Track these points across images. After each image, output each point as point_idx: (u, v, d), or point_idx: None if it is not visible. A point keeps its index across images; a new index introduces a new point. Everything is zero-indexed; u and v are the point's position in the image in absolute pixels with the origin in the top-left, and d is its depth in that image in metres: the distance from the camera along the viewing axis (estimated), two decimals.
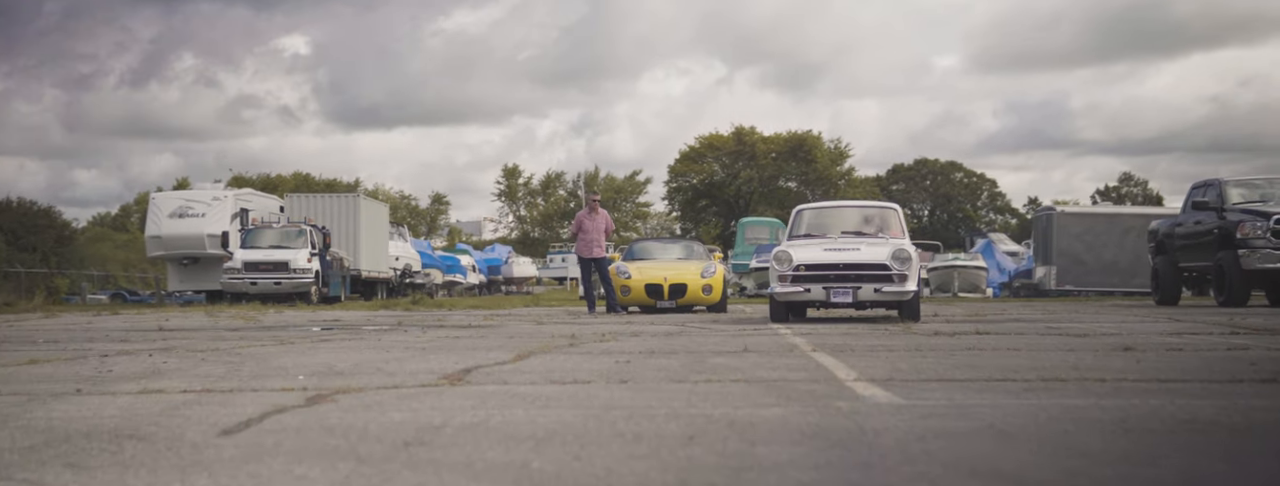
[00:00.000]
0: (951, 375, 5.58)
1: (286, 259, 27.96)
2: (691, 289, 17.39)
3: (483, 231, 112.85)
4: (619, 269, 17.70)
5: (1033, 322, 11.85)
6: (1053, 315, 14.28)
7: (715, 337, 9.28)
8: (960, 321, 12.38)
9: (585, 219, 17.53)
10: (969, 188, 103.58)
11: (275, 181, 76.01)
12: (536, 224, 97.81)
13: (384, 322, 13.78)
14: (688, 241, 20.36)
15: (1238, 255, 16.37)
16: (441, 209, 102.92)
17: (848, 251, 12.86)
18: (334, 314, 17.89)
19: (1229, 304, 16.49)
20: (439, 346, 8.43)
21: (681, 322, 12.82)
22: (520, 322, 13.39)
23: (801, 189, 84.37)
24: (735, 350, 7.56)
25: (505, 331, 10.96)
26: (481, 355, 7.36)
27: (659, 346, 8.10)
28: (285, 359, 7.19)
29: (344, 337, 10.00)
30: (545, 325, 12.61)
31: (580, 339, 9.23)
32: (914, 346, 7.79)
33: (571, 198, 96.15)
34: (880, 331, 10.08)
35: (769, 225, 45.61)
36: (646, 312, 17.18)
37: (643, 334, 10.09)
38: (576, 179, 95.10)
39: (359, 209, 34.13)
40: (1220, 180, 17.91)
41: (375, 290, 35.40)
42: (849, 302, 12.70)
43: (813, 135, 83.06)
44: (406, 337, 9.88)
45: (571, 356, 7.11)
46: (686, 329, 11.10)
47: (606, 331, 10.54)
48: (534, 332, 10.60)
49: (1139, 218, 30.17)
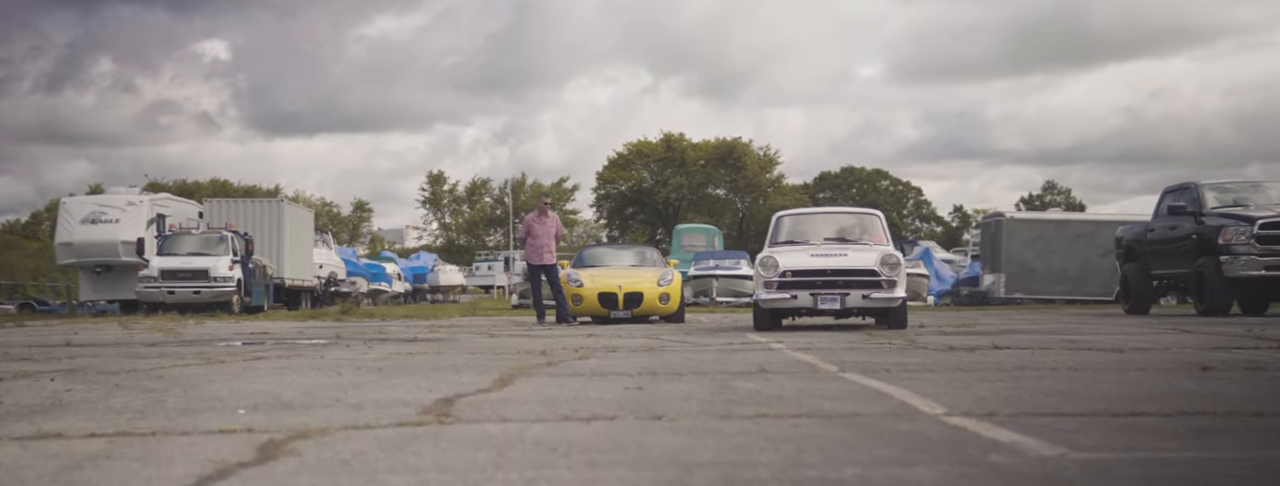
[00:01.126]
0: (1057, 407, 4.53)
1: (206, 267, 26.45)
2: (648, 298, 16.28)
3: (405, 239, 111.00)
4: (570, 277, 16.55)
5: (1035, 335, 10.88)
6: (1039, 325, 13.37)
7: (708, 354, 8.17)
8: (955, 332, 11.39)
9: (534, 222, 16.34)
10: (895, 196, 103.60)
11: (192, 188, 73.87)
12: (462, 231, 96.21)
13: (319, 335, 12.51)
14: (641, 247, 19.24)
15: (1219, 262, 15.58)
16: (364, 216, 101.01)
17: (835, 257, 12.58)
18: (260, 325, 16.53)
19: (1210, 313, 15.71)
20: (395, 366, 7.24)
21: (652, 334, 11.69)
22: (470, 335, 12.20)
23: (731, 196, 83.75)
24: (748, 370, 6.46)
25: (460, 346, 9.77)
26: (453, 378, 6.19)
27: (655, 365, 6.97)
28: (218, 384, 5.97)
29: (280, 354, 8.76)
30: (499, 337, 11.45)
31: (555, 356, 8.08)
32: (952, 365, 6.74)
33: (498, 205, 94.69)
34: (883, 344, 9.03)
35: (705, 232, 44.71)
36: (600, 323, 16.04)
37: (619, 349, 8.95)
38: (503, 186, 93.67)
39: (283, 215, 32.65)
40: (1196, 184, 17.14)
41: (300, 299, 33.92)
42: (836, 309, 12.31)
43: (742, 142, 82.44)
44: (351, 354, 8.66)
45: (563, 381, 5.97)
46: (664, 342, 9.98)
47: (578, 346, 9.39)
48: (494, 347, 9.43)
49: (1089, 224, 29.65)
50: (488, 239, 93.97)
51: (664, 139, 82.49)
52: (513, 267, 70.04)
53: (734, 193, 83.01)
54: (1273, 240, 15.32)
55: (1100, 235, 29.20)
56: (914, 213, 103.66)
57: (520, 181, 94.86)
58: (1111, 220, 29.73)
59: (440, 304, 49.83)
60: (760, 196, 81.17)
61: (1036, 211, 32.15)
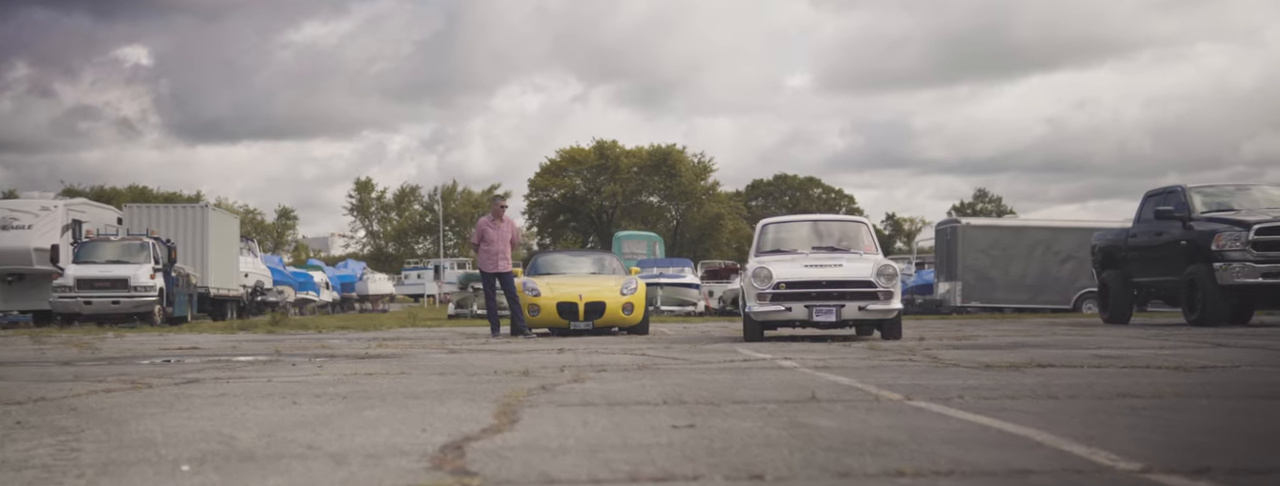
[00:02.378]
0: (1265, 459, 3.50)
1: (126, 275, 24.88)
2: (610, 308, 15.14)
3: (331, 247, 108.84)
4: (526, 285, 15.37)
5: (1052, 348, 9.93)
6: (1035, 336, 12.46)
7: (719, 374, 7.07)
8: (961, 346, 10.39)
9: (488, 227, 15.12)
10: (827, 204, 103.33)
11: (111, 194, 71.46)
12: (391, 239, 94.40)
13: (255, 351, 11.25)
14: (599, 254, 18.08)
15: (1213, 269, 14.77)
16: (289, 224, 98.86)
17: (830, 268, 12.22)
18: (186, 338, 15.17)
19: (1203, 323, 14.89)
20: (361, 392, 6.07)
21: (631, 349, 10.53)
22: (425, 350, 11.00)
23: (665, 204, 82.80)
24: (795, 397, 5.37)
25: (423, 364, 8.60)
26: (440, 410, 5.05)
27: (674, 391, 5.86)
28: (148, 420, 4.78)
29: (217, 375, 7.53)
30: (460, 354, 10.27)
31: (543, 377, 6.94)
32: (1030, 390, 5.70)
33: (427, 212, 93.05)
34: (904, 361, 8.00)
35: (646, 239, 43.65)
36: (558, 336, 14.89)
37: (608, 367, 7.83)
38: (433, 193, 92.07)
39: (207, 221, 31.07)
40: (1183, 187, 16.34)
41: (225, 310, 32.34)
42: (833, 322, 11.92)
43: (676, 149, 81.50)
44: (302, 376, 7.46)
45: (580, 414, 4.84)
46: (652, 359, 8.87)
47: (558, 364, 8.26)
48: (462, 366, 8.28)
49: (1046, 231, 28.94)
50: (417, 247, 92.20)
51: (597, 146, 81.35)
52: (443, 276, 68.98)
53: (668, 200, 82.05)
54: (1269, 246, 14.53)
55: (1058, 242, 28.56)
56: None
57: (450, 188, 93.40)
58: (1069, 227, 29.12)
59: (371, 313, 48.31)
60: (695, 204, 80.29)
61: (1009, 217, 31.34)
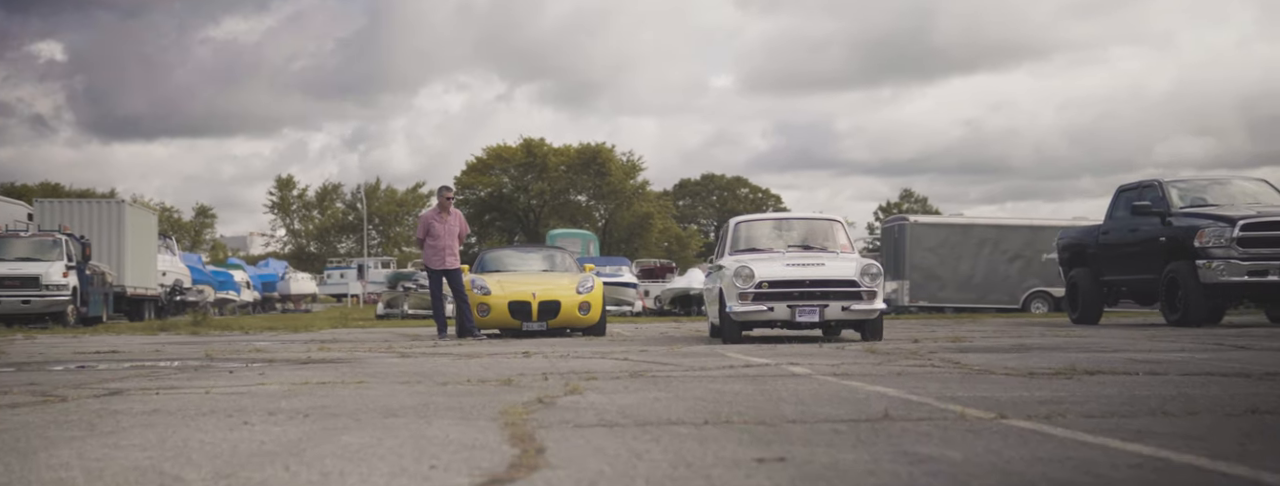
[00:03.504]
0: None
1: (37, 273, 23.42)
2: (566, 308, 14.16)
3: (250, 246, 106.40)
4: (475, 284, 14.34)
5: (1058, 351, 9.13)
6: (1025, 338, 11.70)
7: (736, 384, 6.13)
8: (962, 349, 9.56)
9: (434, 221, 14.06)
10: (755, 204, 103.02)
11: (21, 191, 68.95)
12: (312, 238, 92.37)
13: (183, 355, 10.15)
14: (549, 250, 17.02)
15: (1195, 266, 14.12)
16: (206, 222, 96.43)
17: (813, 267, 11.82)
18: (104, 340, 13.95)
19: (1185, 323, 14.24)
20: (321, 407, 5.06)
21: (608, 352, 9.52)
22: (373, 354, 9.96)
23: (593, 202, 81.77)
24: (866, 416, 4.45)
25: (380, 371, 7.58)
26: (431, 431, 4.08)
27: (709, 408, 4.92)
28: (63, 448, 3.75)
29: (145, 385, 6.46)
30: (413, 358, 9.26)
31: (534, 388, 5.97)
32: (1135, 406, 4.85)
33: (350, 210, 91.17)
34: (926, 366, 7.13)
35: (581, 238, 42.63)
36: (512, 337, 13.88)
37: (597, 375, 6.87)
38: (355, 191, 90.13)
39: (123, 217, 29.61)
40: (1160, 181, 15.69)
41: (143, 309, 30.86)
42: (815, 322, 11.50)
43: (605, 148, 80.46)
44: (244, 385, 6.42)
45: (622, 441, 3.88)
46: (638, 364, 7.91)
47: (541, 371, 7.28)
48: (425, 373, 7.28)
49: (994, 229, 28.42)
50: (340, 246, 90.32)
51: (524, 144, 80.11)
52: (367, 275, 67.44)
53: (597, 199, 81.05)
54: (1255, 243, 13.92)
55: (1006, 240, 28.08)
56: None
57: (373, 186, 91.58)
58: (1017, 225, 28.66)
59: (293, 314, 46.82)
60: (624, 203, 79.35)
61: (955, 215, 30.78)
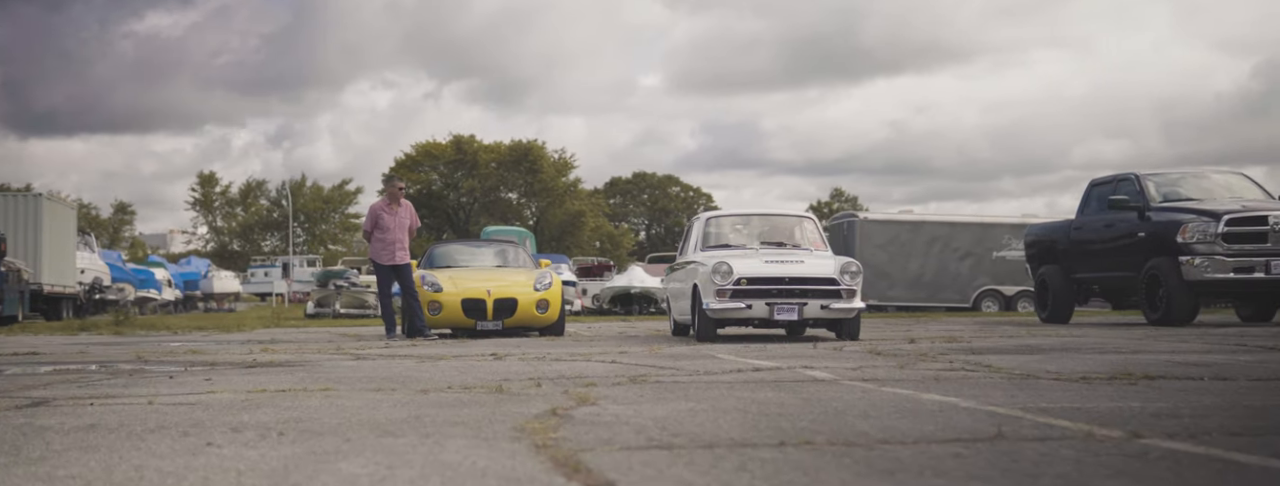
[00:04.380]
0: None
1: None
2: (523, 306, 13.31)
3: (170, 244, 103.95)
4: (425, 280, 13.44)
5: (1076, 352, 8.47)
6: (1017, 337, 11.06)
7: (770, 392, 5.36)
8: (968, 350, 8.87)
9: (384, 212, 13.13)
10: (686, 202, 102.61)
11: None
12: (235, 235, 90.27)
13: (110, 357, 9.19)
14: (502, 244, 16.12)
15: (1178, 263, 13.59)
16: (125, 219, 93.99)
17: (792, 264, 11.51)
18: (22, 341, 12.88)
19: (1166, 321, 13.72)
20: (297, 422, 4.22)
21: (585, 355, 8.67)
22: (328, 357, 9.07)
23: (524, 200, 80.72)
24: (973, 436, 3.70)
25: (342, 377, 6.73)
26: (447, 456, 3.28)
27: (767, 424, 4.14)
28: None
29: (76, 394, 5.55)
30: (374, 360, 8.40)
31: (531, 396, 5.16)
32: (1253, 416, 4.14)
33: (274, 207, 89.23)
34: (960, 371, 6.42)
35: (517, 235, 41.60)
36: (467, 337, 13.00)
37: (596, 381, 6.07)
38: (281, 187, 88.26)
39: (41, 213, 28.22)
40: (1136, 174, 15.15)
41: (60, 308, 29.45)
42: (794, 320, 11.17)
43: (537, 145, 79.45)
44: (193, 393, 5.54)
45: (702, 472, 3.10)
46: (635, 369, 7.10)
47: (528, 376, 6.46)
48: (398, 378, 6.44)
49: (944, 226, 27.95)
50: (264, 243, 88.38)
51: (454, 140, 78.88)
52: (292, 274, 65.90)
53: (528, 196, 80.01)
54: (1240, 238, 13.41)
55: (956, 238, 27.63)
56: None
57: (299, 183, 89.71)
58: (968, 222, 28.23)
59: (217, 313, 45.43)
60: (556, 201, 78.38)
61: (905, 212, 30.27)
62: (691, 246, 12.91)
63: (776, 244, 12.50)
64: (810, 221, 13.19)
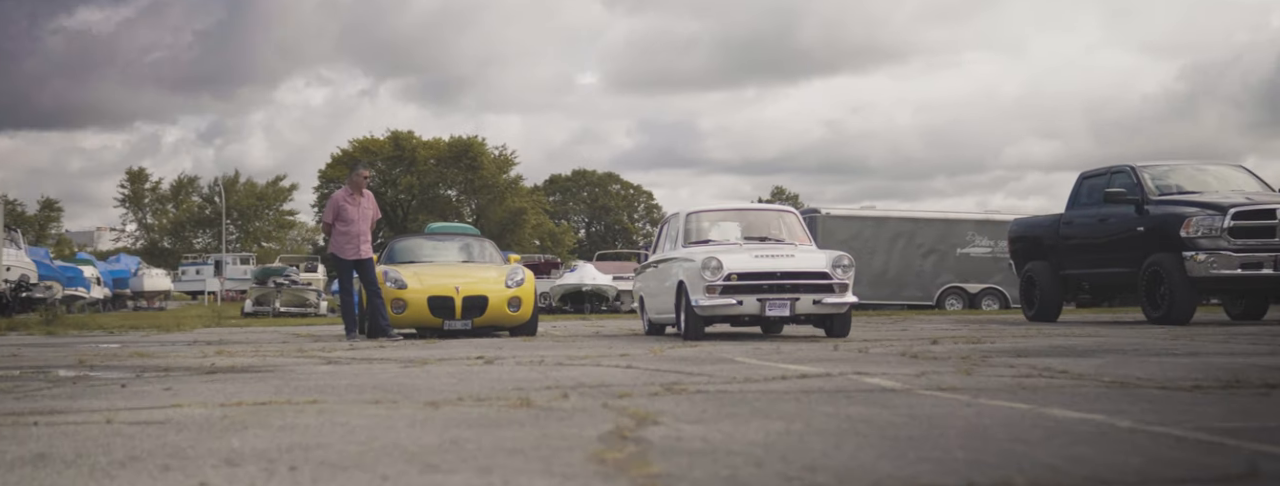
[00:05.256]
0: None
1: None
2: (494, 304, 12.40)
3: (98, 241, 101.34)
4: (388, 276, 12.47)
5: (1120, 353, 7.74)
6: (1034, 338, 10.33)
7: (853, 406, 4.53)
8: (1003, 350, 8.10)
9: (347, 204, 12.14)
10: (626, 200, 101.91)
11: None
12: (166, 233, 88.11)
13: (48, 361, 8.20)
14: (467, 238, 15.16)
15: (1182, 258, 12.95)
16: (52, 215, 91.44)
17: (783, 258, 11.19)
18: None
19: (1170, 320, 13.09)
20: (304, 449, 3.34)
21: (585, 358, 7.78)
22: (294, 360, 8.15)
23: (464, 197, 79.50)
24: (1213, 474, 2.91)
25: (324, 385, 5.83)
26: None
27: (912, 456, 3.32)
28: None
29: (16, 411, 4.61)
30: (348, 364, 7.50)
31: (568, 412, 4.30)
32: None
33: (206, 204, 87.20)
34: (1037, 377, 5.64)
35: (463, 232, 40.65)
36: (437, 337, 12.06)
37: (628, 389, 5.20)
38: (213, 184, 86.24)
39: None
40: (1132, 166, 14.50)
41: None
42: (785, 316, 10.87)
43: (477, 141, 78.25)
44: (155, 408, 4.63)
45: None
46: (664, 374, 6.24)
47: (547, 385, 5.59)
48: (391, 387, 5.56)
49: (908, 222, 27.33)
50: (196, 241, 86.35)
51: (392, 136, 77.50)
52: (225, 272, 64.29)
53: (468, 193, 78.77)
54: (1246, 233, 12.79)
55: (920, 234, 27.03)
56: (645, 217, 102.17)
57: (232, 179, 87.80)
58: (932, 218, 27.65)
59: (148, 311, 43.94)
60: (496, 198, 77.24)
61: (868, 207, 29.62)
62: (671, 242, 12.58)
63: (760, 239, 12.19)
64: (793, 215, 12.87)
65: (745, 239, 12.15)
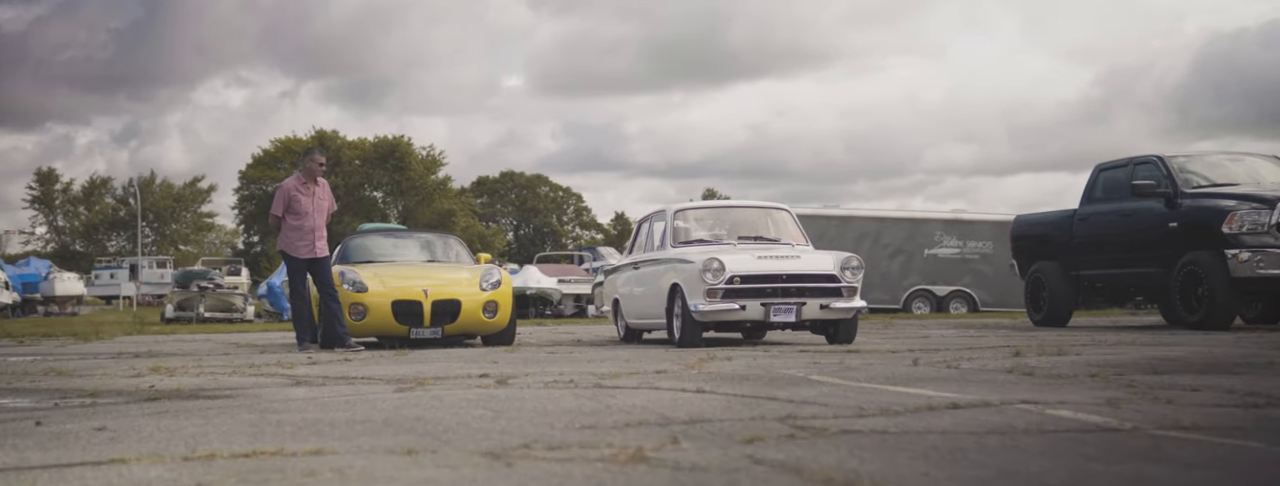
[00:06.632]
0: None
1: None
2: (468, 309, 10.84)
3: (7, 245, 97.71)
4: (346, 278, 10.89)
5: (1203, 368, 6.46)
6: (1116, 350, 9.04)
7: (1128, 461, 3.15)
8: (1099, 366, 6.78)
9: (299, 194, 10.50)
10: (555, 202, 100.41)
11: None
12: (78, 235, 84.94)
13: None
14: (429, 234, 13.48)
15: (1224, 257, 11.76)
16: None
17: (788, 260, 10.45)
18: None
19: (1208, 325, 11.90)
20: None
21: (658, 382, 6.32)
22: (257, 383, 6.62)
23: (390, 199, 77.44)
24: None
25: (321, 424, 4.34)
26: None
27: None
28: None
29: None
30: (315, 384, 6.02)
31: (753, 478, 2.86)
32: None
33: (121, 206, 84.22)
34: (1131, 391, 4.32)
35: None
36: (407, 347, 10.50)
37: (761, 433, 3.80)
38: (128, 185, 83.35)
39: None
40: (1160, 157, 13.27)
41: None
42: (791, 322, 10.18)
43: (404, 141, 76.25)
44: (97, 466, 3.11)
45: None
46: (771, 404, 4.81)
47: (634, 419, 4.13)
48: (409, 425, 4.11)
49: (873, 222, 26.15)
50: (109, 244, 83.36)
51: (316, 135, 75.24)
52: (141, 275, 61.89)
53: (394, 195, 76.74)
54: None
55: (886, 234, 25.87)
56: (574, 219, 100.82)
57: (148, 180, 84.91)
58: (898, 217, 26.53)
59: (60, 317, 41.76)
60: (424, 199, 75.31)
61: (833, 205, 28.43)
62: (655, 242, 11.74)
63: (755, 238, 11.43)
64: (786, 213, 12.06)
65: (739, 238, 11.36)
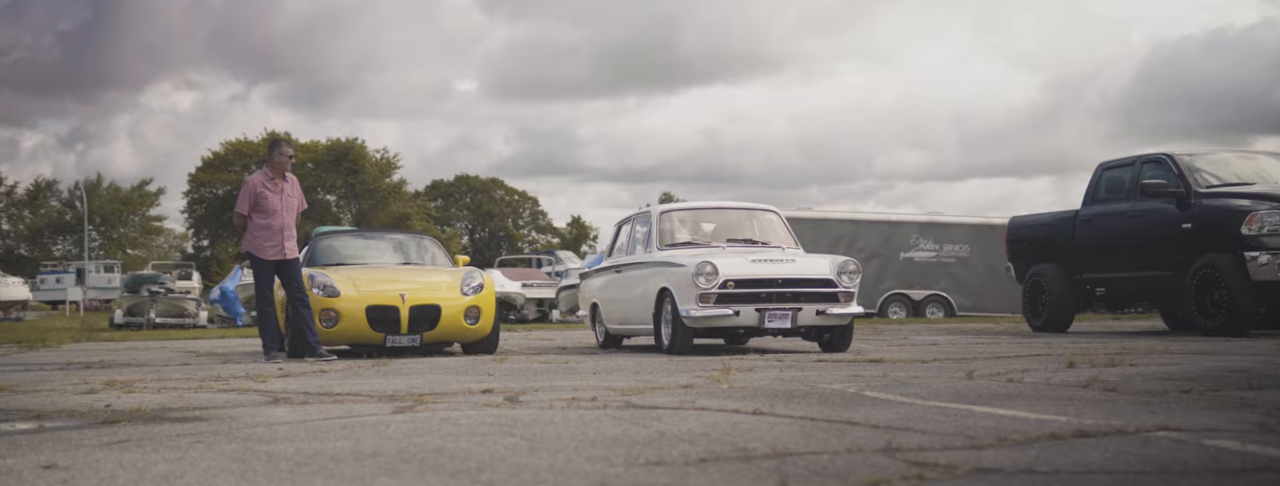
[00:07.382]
0: None
1: None
2: (448, 315, 10.05)
3: None
4: (316, 281, 10.08)
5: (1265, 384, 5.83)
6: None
7: None
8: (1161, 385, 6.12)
9: (266, 189, 9.67)
10: (511, 205, 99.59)
11: None
12: (23, 239, 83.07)
13: None
14: (406, 235, 12.65)
15: (1244, 260, 11.21)
16: None
17: (783, 264, 10.15)
18: None
19: (1227, 331, 11.34)
20: None
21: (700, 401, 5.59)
22: (228, 397, 5.85)
23: (344, 202, 76.26)
24: None
25: (320, 457, 3.57)
26: None
27: None
28: None
29: None
30: (300, 403, 5.27)
31: None
32: None
33: (67, 209, 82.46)
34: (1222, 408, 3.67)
35: None
36: (386, 356, 9.72)
37: (887, 477, 3.08)
38: (74, 188, 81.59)
39: None
40: (1171, 155, 12.70)
41: None
42: (787, 328, 9.88)
43: (358, 144, 75.12)
44: None
45: None
46: (858, 432, 4.11)
47: (704, 453, 3.41)
48: (438, 456, 3.36)
49: (849, 224, 25.57)
50: (55, 248, 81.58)
51: (268, 137, 73.91)
52: (87, 280, 60.47)
53: (349, 198, 75.57)
54: None
55: (861, 237, 25.29)
56: (531, 223, 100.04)
57: (95, 183, 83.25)
58: (874, 220, 25.97)
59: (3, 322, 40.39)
60: (379, 203, 74.20)
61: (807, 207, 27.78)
62: (639, 244, 11.37)
63: (745, 241, 11.07)
64: (775, 215, 11.69)
65: (728, 241, 10.97)
